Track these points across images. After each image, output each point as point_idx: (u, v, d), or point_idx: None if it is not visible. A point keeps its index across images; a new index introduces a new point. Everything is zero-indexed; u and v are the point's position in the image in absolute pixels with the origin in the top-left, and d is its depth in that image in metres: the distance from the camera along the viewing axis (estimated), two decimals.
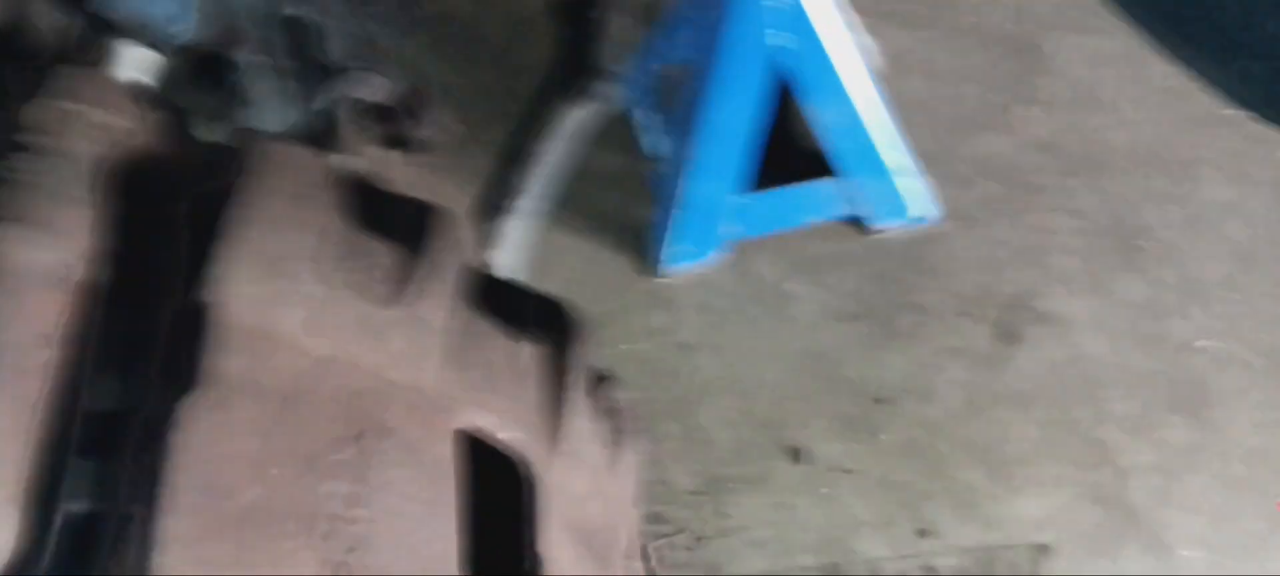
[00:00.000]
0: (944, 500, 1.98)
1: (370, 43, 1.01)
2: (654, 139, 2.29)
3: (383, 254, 0.52)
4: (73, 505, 0.41)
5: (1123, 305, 2.23)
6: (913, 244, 2.29)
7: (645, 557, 0.60)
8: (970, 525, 1.96)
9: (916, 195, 2.26)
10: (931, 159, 2.32)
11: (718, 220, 2.18)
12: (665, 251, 2.21)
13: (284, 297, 0.47)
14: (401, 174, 0.62)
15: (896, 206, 2.25)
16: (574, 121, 1.03)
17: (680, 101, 2.15)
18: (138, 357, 0.45)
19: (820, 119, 2.12)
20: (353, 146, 0.60)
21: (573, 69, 1.03)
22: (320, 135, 0.60)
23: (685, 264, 2.23)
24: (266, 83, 0.87)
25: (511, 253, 1.43)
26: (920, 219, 2.28)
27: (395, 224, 0.55)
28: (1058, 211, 2.36)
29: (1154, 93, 2.57)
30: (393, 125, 0.63)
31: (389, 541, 0.44)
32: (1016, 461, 2.03)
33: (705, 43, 2.02)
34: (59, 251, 0.45)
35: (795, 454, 2.02)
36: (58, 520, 0.40)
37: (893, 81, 2.37)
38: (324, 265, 0.49)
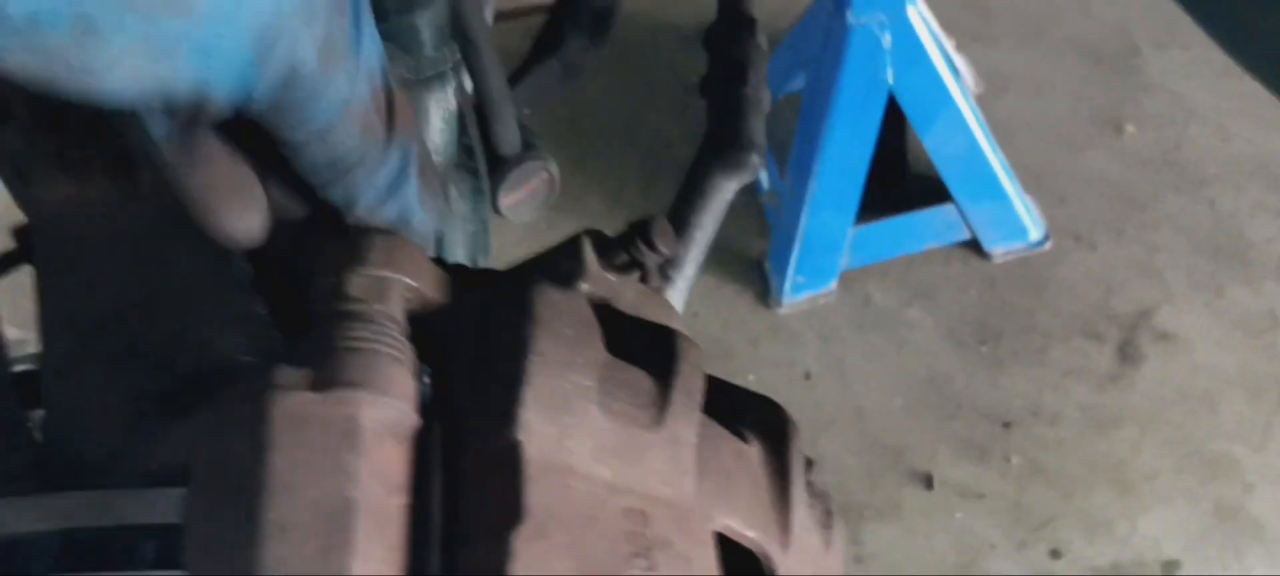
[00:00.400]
0: (1074, 521, 2.01)
1: (528, 132, 1.07)
2: (768, 172, 2.34)
3: (643, 382, 0.57)
4: None
5: (1238, 318, 2.24)
6: (1027, 265, 2.31)
7: None
8: (1101, 544, 1.99)
9: (1030, 217, 2.28)
10: (1038, 179, 2.35)
11: (836, 251, 2.22)
12: (784, 283, 2.25)
13: (574, 433, 0.53)
14: (628, 294, 0.67)
15: (1012, 230, 2.27)
16: (727, 194, 1.09)
17: (794, 135, 2.20)
18: (459, 494, 0.52)
19: (934, 147, 2.16)
20: (594, 275, 0.65)
21: (726, 143, 1.08)
22: (564, 263, 0.65)
23: (803, 294, 2.27)
24: (465, 184, 0.94)
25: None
26: (1036, 242, 2.30)
27: (642, 348, 0.60)
28: (1166, 227, 2.37)
29: (1254, 105, 2.57)
30: (630, 252, 0.68)
31: None
32: (1143, 479, 2.06)
33: (821, 78, 2.06)
34: (398, 409, 0.52)
35: (926, 480, 2.06)
36: None
37: (993, 103, 2.41)
38: (601, 399, 0.55)
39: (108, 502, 0.50)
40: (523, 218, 1.13)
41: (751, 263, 2.33)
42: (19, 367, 0.65)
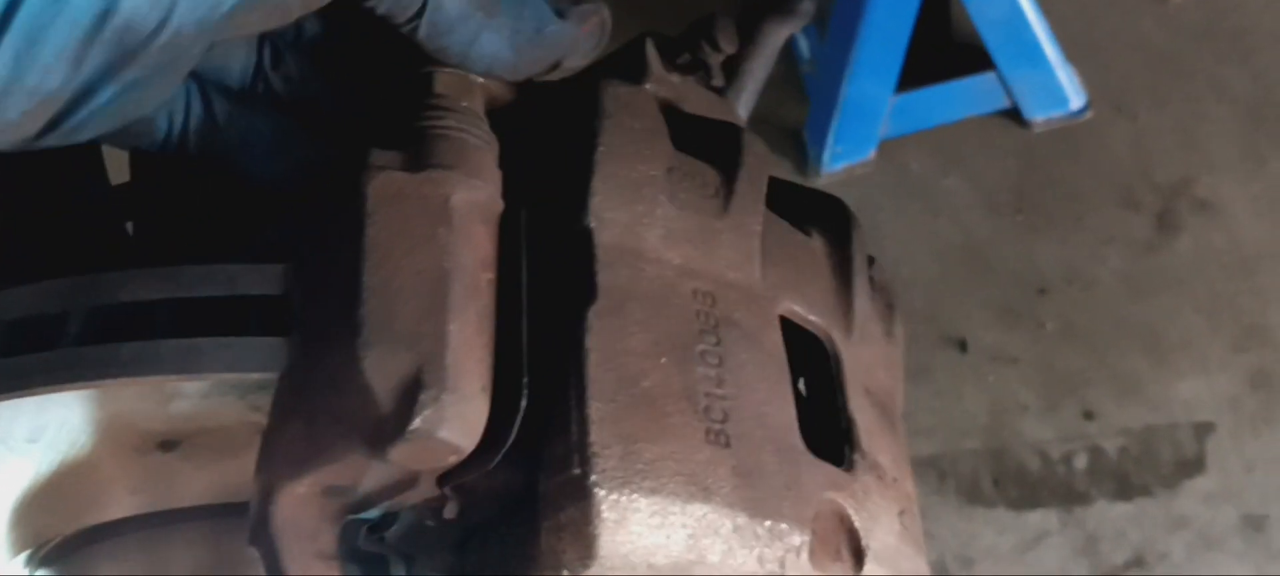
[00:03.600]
0: (1107, 384, 2.04)
1: None
2: (807, 41, 2.34)
3: (709, 174, 0.60)
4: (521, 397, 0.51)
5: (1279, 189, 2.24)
6: (1066, 134, 2.31)
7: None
8: (1134, 407, 2.02)
9: (1071, 85, 2.28)
10: (1080, 47, 2.33)
11: (875, 119, 2.23)
12: (822, 152, 2.27)
13: (646, 219, 0.56)
14: (695, 95, 0.70)
15: (1053, 97, 2.27)
16: (778, 40, 1.10)
17: (835, 2, 2.20)
18: (541, 274, 0.55)
19: (975, 13, 2.15)
20: (659, 76, 0.68)
21: None
22: (628, 64, 0.68)
23: (842, 164, 2.29)
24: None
25: None
26: (1077, 110, 2.30)
27: (708, 144, 0.63)
28: (1210, 96, 2.36)
29: None
30: (692, 51, 0.71)
31: (748, 412, 0.53)
32: (1178, 345, 2.08)
33: None
34: (486, 190, 0.55)
35: (960, 344, 2.09)
36: (522, 405, 0.50)
37: None
38: (671, 189, 0.58)
39: (218, 275, 0.53)
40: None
41: (789, 131, 2.34)
42: None
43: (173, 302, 0.54)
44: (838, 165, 2.29)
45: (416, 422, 0.48)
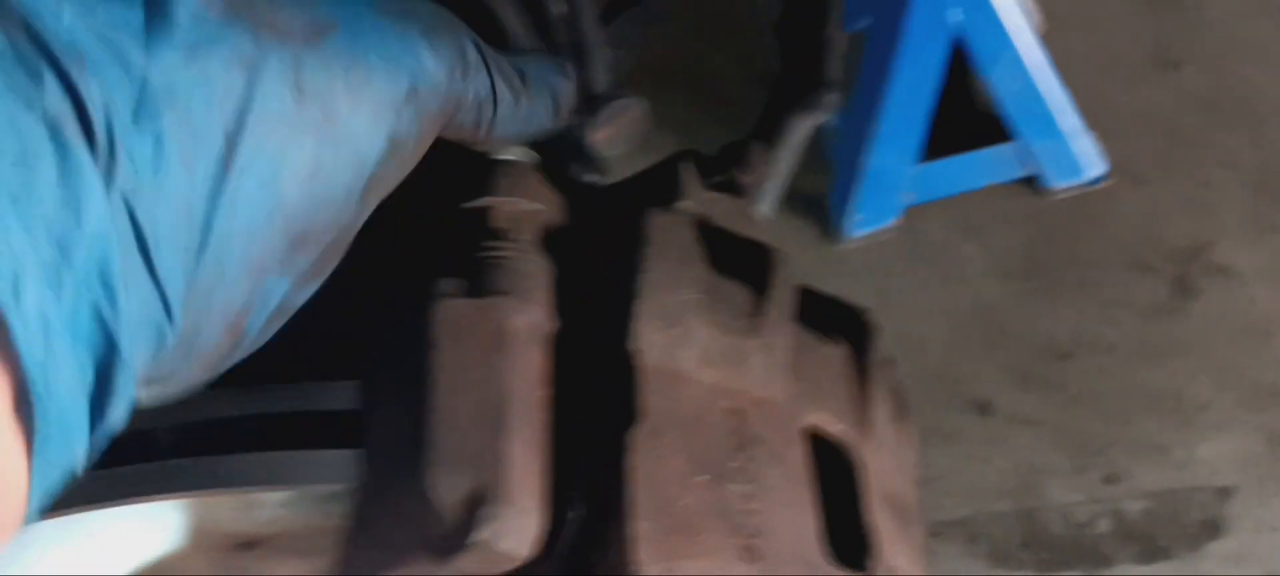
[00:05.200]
0: (1129, 447, 2.08)
1: (617, 72, 1.14)
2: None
3: (740, 294, 0.66)
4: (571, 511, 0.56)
5: None
6: (1083, 201, 2.36)
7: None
8: (1156, 470, 2.06)
9: (1088, 154, 2.33)
10: (1094, 115, 2.38)
11: (897, 189, 2.28)
12: (846, 220, 2.32)
13: (683, 343, 0.61)
14: (721, 210, 0.76)
15: (1070, 166, 2.32)
16: (803, 132, 1.16)
17: (857, 73, 2.26)
18: (584, 395, 0.60)
19: (995, 85, 2.20)
20: (694, 194, 0.73)
21: (803, 83, 1.15)
22: (666, 183, 0.73)
23: (864, 231, 2.33)
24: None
25: None
26: (1097, 177, 2.34)
27: (739, 262, 0.69)
28: (1223, 165, 2.40)
29: None
30: (723, 172, 0.76)
31: (777, 527, 0.58)
32: (1197, 408, 2.12)
33: (886, 18, 2.11)
34: (540, 314, 0.61)
35: (984, 408, 2.13)
36: (571, 519, 0.55)
37: (1050, 40, 2.44)
38: (705, 312, 0.64)
39: (296, 392, 0.59)
40: (612, 153, 1.21)
41: (812, 200, 2.39)
42: None
43: (254, 416, 0.60)
44: (860, 232, 2.33)
45: (478, 534, 0.53)
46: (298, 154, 0.47)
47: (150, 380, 0.48)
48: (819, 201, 2.37)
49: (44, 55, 0.39)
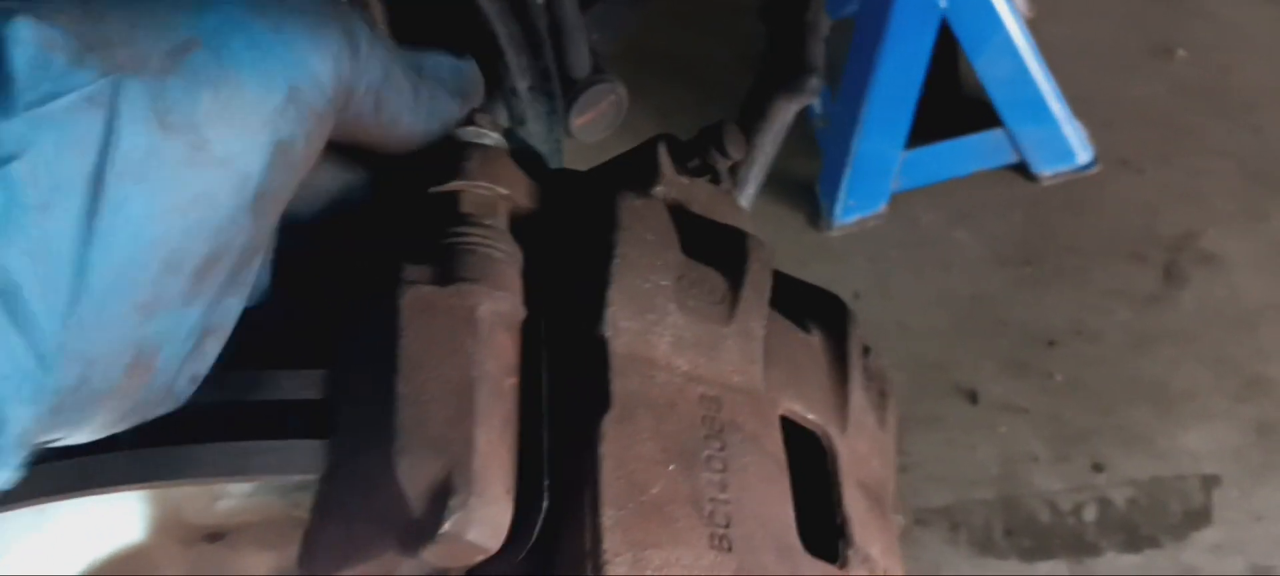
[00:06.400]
0: (1115, 436, 2.08)
1: (598, 57, 1.13)
2: (820, 98, 2.39)
3: (716, 280, 0.64)
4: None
5: None
6: (1072, 188, 2.36)
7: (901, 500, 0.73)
8: (1142, 458, 2.06)
9: (1078, 141, 2.32)
10: (1087, 103, 2.38)
11: (886, 174, 2.28)
12: (834, 206, 2.32)
13: (656, 327, 0.60)
14: (700, 195, 0.75)
15: (1060, 152, 2.32)
16: (788, 116, 1.15)
17: (846, 60, 2.25)
18: (559, 379, 0.59)
19: (985, 71, 2.20)
20: (669, 178, 0.72)
21: (787, 67, 1.14)
22: (641, 167, 0.72)
23: (853, 217, 2.33)
24: (541, 105, 1.01)
25: None
26: (1084, 165, 2.34)
27: (714, 248, 0.68)
28: (1214, 153, 2.40)
29: None
30: (702, 156, 0.75)
31: (750, 515, 0.57)
32: (1183, 397, 2.12)
33: (874, 3, 2.11)
34: (510, 300, 0.59)
35: (971, 395, 2.13)
36: (542, 508, 0.54)
37: (1043, 27, 2.44)
38: (680, 297, 0.63)
39: (264, 381, 0.58)
40: (592, 137, 1.20)
41: (802, 185, 2.39)
42: None
43: (220, 405, 0.59)
44: (850, 218, 2.33)
45: (447, 526, 0.52)
46: (170, 187, 0.45)
47: (50, 428, 0.47)
48: (808, 187, 2.37)
49: None
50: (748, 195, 1.14)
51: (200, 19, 0.46)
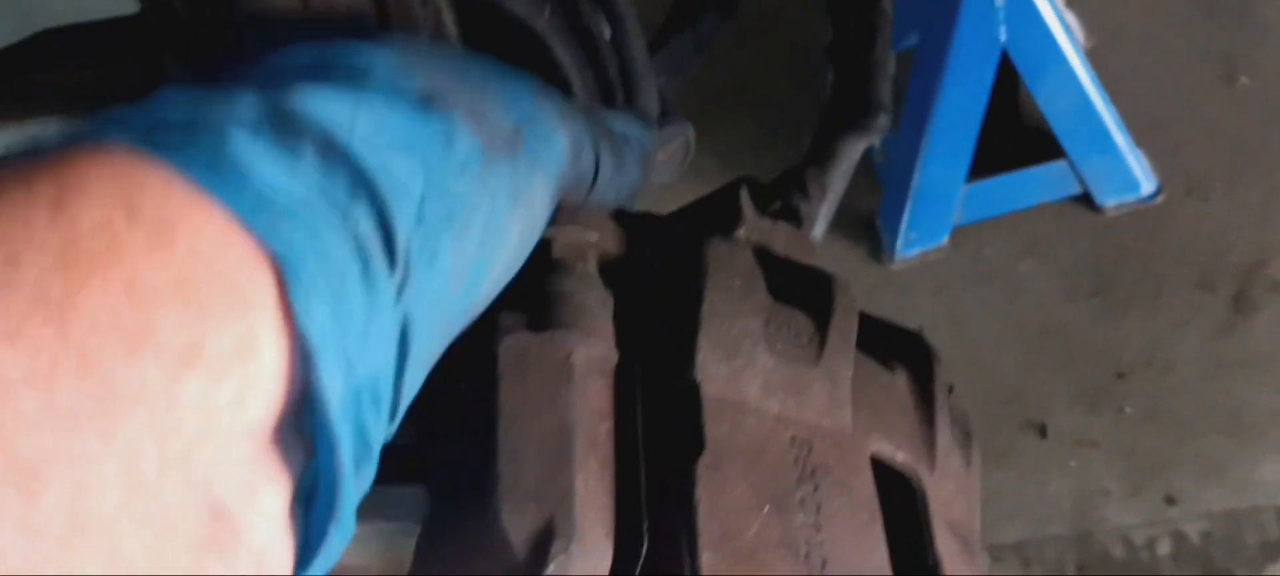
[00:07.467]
0: (1190, 467, 2.05)
1: (666, 100, 1.14)
2: None
3: (802, 322, 0.65)
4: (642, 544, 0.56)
5: None
6: (1138, 217, 2.33)
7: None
8: (1217, 490, 2.03)
9: (1141, 170, 2.30)
10: (1149, 130, 2.36)
11: (948, 207, 2.27)
12: (896, 239, 2.31)
13: (746, 371, 0.61)
14: (781, 237, 0.75)
15: (1124, 183, 2.30)
16: (855, 154, 1.15)
17: (906, 92, 2.25)
18: (652, 424, 0.60)
19: (1046, 102, 2.19)
20: (752, 222, 0.73)
21: (855, 106, 1.15)
22: (723, 211, 0.73)
23: (915, 250, 2.32)
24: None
25: None
26: (1148, 195, 2.32)
27: (800, 290, 0.68)
28: None
29: None
30: (783, 199, 0.76)
31: (845, 557, 0.57)
32: (1258, 426, 2.08)
33: (934, 37, 2.10)
34: (602, 346, 0.60)
35: (1041, 429, 2.11)
36: (642, 553, 0.55)
37: (1103, 55, 2.42)
38: (768, 340, 0.63)
39: None
40: (661, 179, 1.21)
41: (863, 219, 2.39)
42: None
43: None
44: (911, 252, 2.32)
45: (550, 569, 0.53)
46: (509, 252, 0.51)
47: None
48: (868, 221, 2.37)
49: (349, 169, 0.41)
50: (817, 233, 1.14)
51: (515, 107, 0.52)
